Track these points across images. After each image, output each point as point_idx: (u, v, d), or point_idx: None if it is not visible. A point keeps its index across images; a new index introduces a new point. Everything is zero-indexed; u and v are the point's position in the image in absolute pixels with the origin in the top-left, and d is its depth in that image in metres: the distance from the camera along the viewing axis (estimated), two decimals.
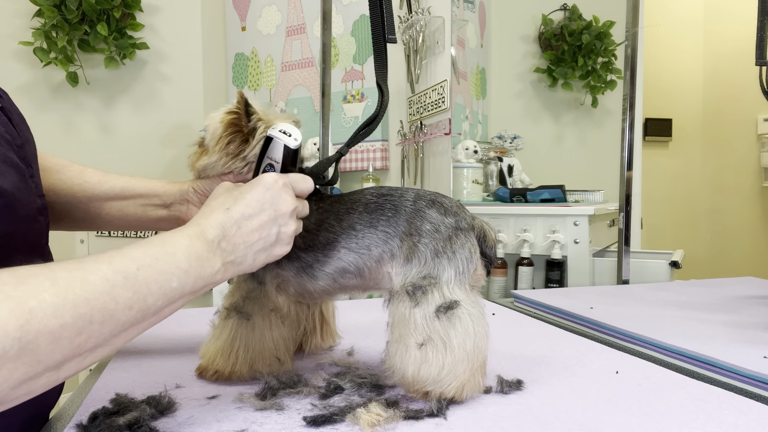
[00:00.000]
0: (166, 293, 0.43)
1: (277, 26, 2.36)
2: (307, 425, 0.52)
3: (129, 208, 0.74)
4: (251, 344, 0.64)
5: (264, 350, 0.64)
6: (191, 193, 0.73)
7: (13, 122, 0.61)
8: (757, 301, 1.08)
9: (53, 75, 2.35)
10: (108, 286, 0.39)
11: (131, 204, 0.74)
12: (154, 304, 0.42)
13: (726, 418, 0.54)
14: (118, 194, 0.74)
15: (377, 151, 2.16)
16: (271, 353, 0.65)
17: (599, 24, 2.14)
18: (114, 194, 0.74)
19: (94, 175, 0.74)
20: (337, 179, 0.72)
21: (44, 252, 0.62)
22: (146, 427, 0.50)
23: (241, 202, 0.53)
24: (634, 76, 1.42)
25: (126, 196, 0.74)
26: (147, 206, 0.74)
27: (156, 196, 0.74)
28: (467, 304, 0.57)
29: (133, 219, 0.75)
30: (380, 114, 0.71)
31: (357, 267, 0.63)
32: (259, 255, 0.54)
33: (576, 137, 2.25)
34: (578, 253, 1.52)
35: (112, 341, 0.40)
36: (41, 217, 0.60)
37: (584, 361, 0.74)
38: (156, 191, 0.74)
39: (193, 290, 0.46)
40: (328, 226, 0.63)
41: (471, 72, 2.07)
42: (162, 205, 0.74)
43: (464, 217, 0.61)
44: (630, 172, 1.44)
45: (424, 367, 0.55)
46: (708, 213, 3.10)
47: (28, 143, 0.62)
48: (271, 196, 0.54)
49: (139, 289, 0.41)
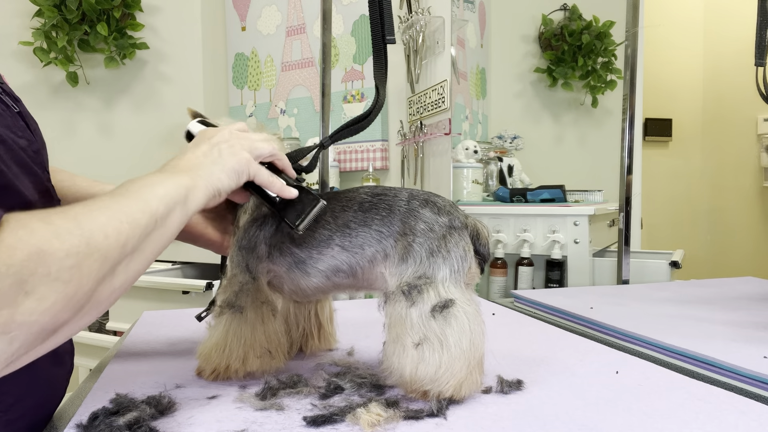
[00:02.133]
0: (161, 198, 0.51)
1: (277, 26, 2.36)
2: (307, 425, 0.52)
3: None
4: (243, 337, 0.64)
5: (255, 343, 0.65)
6: None
7: (30, 128, 0.61)
8: (757, 301, 1.08)
9: (53, 75, 2.35)
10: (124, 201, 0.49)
11: None
12: (157, 208, 0.50)
13: (726, 418, 0.54)
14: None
15: (377, 151, 2.16)
16: (263, 346, 0.65)
17: (599, 24, 2.14)
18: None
19: (84, 181, 0.75)
20: (313, 168, 0.73)
21: None
22: (146, 427, 0.50)
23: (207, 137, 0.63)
24: (634, 76, 1.42)
25: None
26: None
27: None
28: (463, 302, 0.57)
29: None
30: (373, 114, 0.71)
31: (350, 266, 0.63)
32: (214, 166, 0.59)
33: (576, 137, 2.25)
34: (578, 253, 1.52)
35: (142, 247, 0.48)
36: None
37: (584, 361, 0.74)
38: None
39: (177, 197, 0.53)
40: (324, 223, 0.63)
41: (471, 72, 2.07)
42: None
43: (457, 216, 0.61)
44: (630, 173, 1.44)
45: (422, 366, 0.55)
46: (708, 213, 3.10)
47: (43, 148, 0.63)
48: (232, 132, 0.64)
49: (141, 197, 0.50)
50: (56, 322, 0.40)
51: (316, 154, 0.73)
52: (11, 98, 0.61)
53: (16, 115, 0.59)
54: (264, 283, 0.66)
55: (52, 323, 0.39)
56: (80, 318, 0.42)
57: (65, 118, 2.39)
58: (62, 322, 0.40)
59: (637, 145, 1.51)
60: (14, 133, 0.57)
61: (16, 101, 0.62)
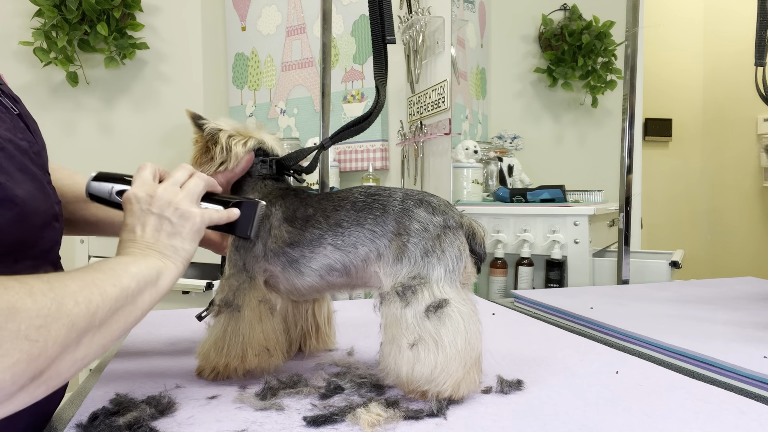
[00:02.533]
0: (133, 275, 0.52)
1: (277, 26, 2.36)
2: (307, 425, 0.52)
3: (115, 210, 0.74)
4: (241, 335, 0.64)
5: (253, 341, 0.65)
6: None
7: (30, 129, 0.61)
8: (757, 301, 1.08)
9: (53, 75, 2.35)
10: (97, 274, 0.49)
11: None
12: (129, 284, 0.50)
13: (726, 418, 0.54)
14: None
15: (377, 151, 2.16)
16: (260, 344, 0.65)
17: (599, 24, 2.14)
18: None
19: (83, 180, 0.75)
20: (313, 169, 0.73)
21: (55, 258, 0.63)
22: (146, 427, 0.50)
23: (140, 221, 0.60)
24: (634, 76, 1.42)
25: None
26: None
27: None
28: (458, 302, 0.57)
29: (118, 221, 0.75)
30: (373, 114, 0.71)
31: (343, 265, 0.63)
32: (174, 239, 0.58)
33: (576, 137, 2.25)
34: (578, 253, 1.52)
35: (110, 321, 0.47)
36: (56, 223, 0.61)
37: (584, 361, 0.74)
38: None
39: (149, 277, 0.53)
40: (315, 223, 0.64)
41: (471, 72, 2.07)
42: None
43: (452, 216, 0.61)
44: (630, 173, 1.44)
45: (417, 367, 0.55)
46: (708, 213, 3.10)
47: (44, 149, 0.63)
48: (147, 174, 0.61)
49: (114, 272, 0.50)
50: (14, 384, 0.38)
51: (317, 155, 0.73)
52: (11, 99, 0.61)
53: (15, 117, 0.59)
54: (261, 283, 0.67)
55: (10, 384, 0.38)
56: (36, 387, 0.40)
57: (65, 118, 2.39)
58: (19, 387, 0.39)
59: (637, 145, 1.51)
60: (15, 136, 0.57)
61: (16, 102, 0.61)
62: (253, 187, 0.71)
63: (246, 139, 0.71)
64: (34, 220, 0.56)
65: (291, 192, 0.69)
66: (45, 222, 0.58)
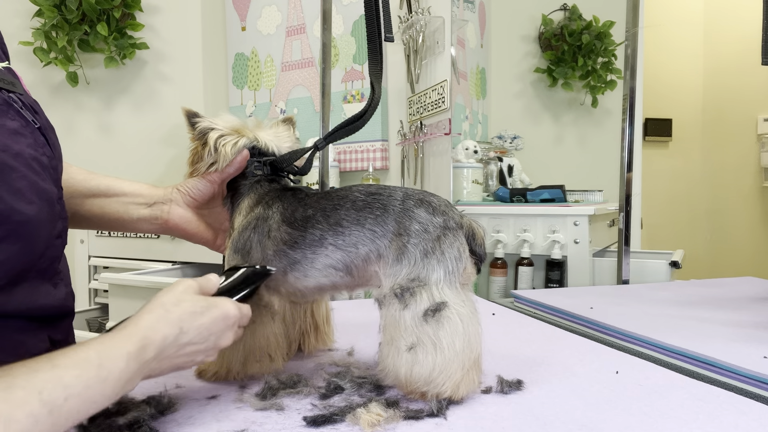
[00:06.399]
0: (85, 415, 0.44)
1: (277, 26, 2.36)
2: (307, 425, 0.52)
3: (111, 206, 0.74)
4: (243, 341, 0.64)
5: (255, 347, 0.65)
6: (175, 192, 0.74)
7: (50, 142, 0.60)
8: (757, 301, 1.08)
9: (53, 75, 2.35)
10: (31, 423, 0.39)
11: (114, 202, 0.74)
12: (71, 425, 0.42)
13: (726, 418, 0.54)
14: (103, 192, 0.74)
15: (377, 151, 2.16)
16: (263, 350, 0.65)
17: (599, 24, 2.14)
18: (98, 191, 0.74)
19: (79, 172, 0.74)
20: (308, 170, 0.73)
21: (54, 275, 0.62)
22: (146, 427, 0.50)
23: (196, 325, 0.52)
24: (634, 76, 1.42)
25: (110, 194, 0.74)
26: (129, 204, 0.74)
27: (140, 196, 0.75)
28: (456, 304, 0.57)
29: (114, 218, 0.75)
30: (368, 113, 0.70)
31: (345, 264, 0.62)
32: (171, 369, 0.53)
33: (576, 137, 2.25)
34: (578, 253, 1.52)
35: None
36: (58, 240, 0.61)
37: (584, 361, 0.74)
38: (141, 191, 0.75)
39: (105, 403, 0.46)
40: (315, 223, 0.63)
41: (471, 72, 2.07)
42: (145, 204, 0.74)
43: (453, 216, 0.61)
44: (630, 173, 1.44)
45: (416, 369, 0.55)
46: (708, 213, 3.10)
47: (60, 161, 0.62)
48: (220, 329, 0.54)
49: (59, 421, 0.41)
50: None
51: (311, 155, 0.73)
52: (31, 111, 0.60)
53: (36, 131, 0.59)
54: (263, 287, 0.66)
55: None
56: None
57: (65, 118, 2.40)
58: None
59: (637, 145, 1.51)
60: (37, 151, 0.56)
61: (36, 113, 0.61)
62: (248, 189, 0.70)
63: (237, 140, 0.70)
64: (37, 247, 0.56)
65: (288, 192, 0.68)
66: (47, 244, 0.58)
